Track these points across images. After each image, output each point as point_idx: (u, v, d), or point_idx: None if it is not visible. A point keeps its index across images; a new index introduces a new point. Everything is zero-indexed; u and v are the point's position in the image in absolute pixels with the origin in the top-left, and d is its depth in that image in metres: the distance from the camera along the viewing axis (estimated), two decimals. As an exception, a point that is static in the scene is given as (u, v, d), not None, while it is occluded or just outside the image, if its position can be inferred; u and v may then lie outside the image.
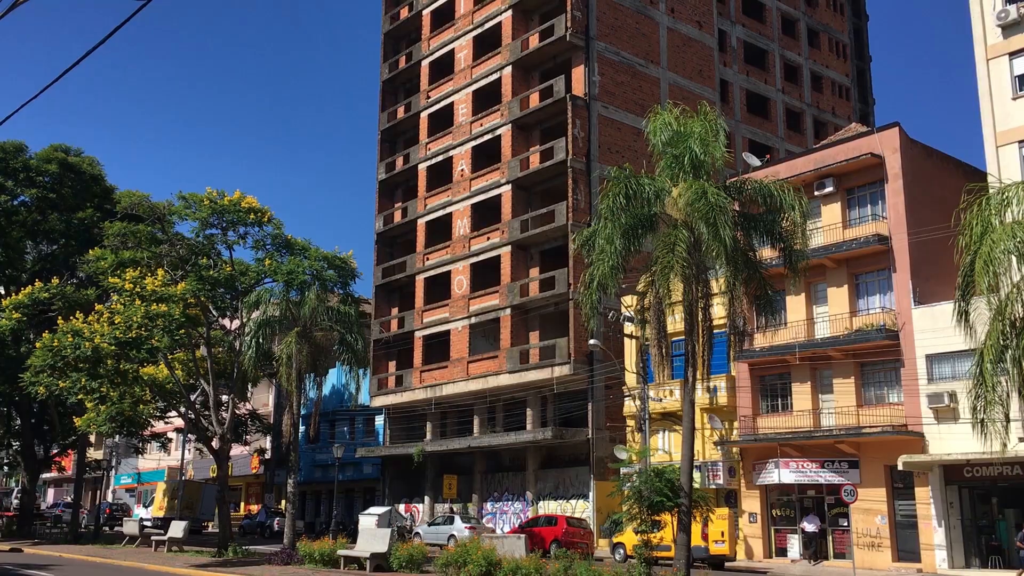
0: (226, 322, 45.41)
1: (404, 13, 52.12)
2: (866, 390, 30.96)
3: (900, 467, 28.23)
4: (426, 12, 50.25)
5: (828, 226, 32.03)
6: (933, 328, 27.86)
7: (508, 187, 43.11)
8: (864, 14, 61.79)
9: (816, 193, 32.27)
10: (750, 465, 33.00)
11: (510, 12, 44.70)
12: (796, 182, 29.88)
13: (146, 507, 56.99)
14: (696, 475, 30.73)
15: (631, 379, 36.09)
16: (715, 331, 27.17)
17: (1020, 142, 27.92)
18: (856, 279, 31.78)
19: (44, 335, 32.39)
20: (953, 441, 27.46)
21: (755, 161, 37.06)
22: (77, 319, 32.76)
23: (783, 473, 31.41)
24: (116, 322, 31.35)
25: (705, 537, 29.45)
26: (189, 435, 50.17)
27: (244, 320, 37.51)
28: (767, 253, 28.09)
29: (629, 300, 34.59)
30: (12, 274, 43.87)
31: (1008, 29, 28.76)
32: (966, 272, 16.54)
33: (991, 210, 16.35)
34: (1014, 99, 28.34)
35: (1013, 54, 28.54)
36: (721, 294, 25.90)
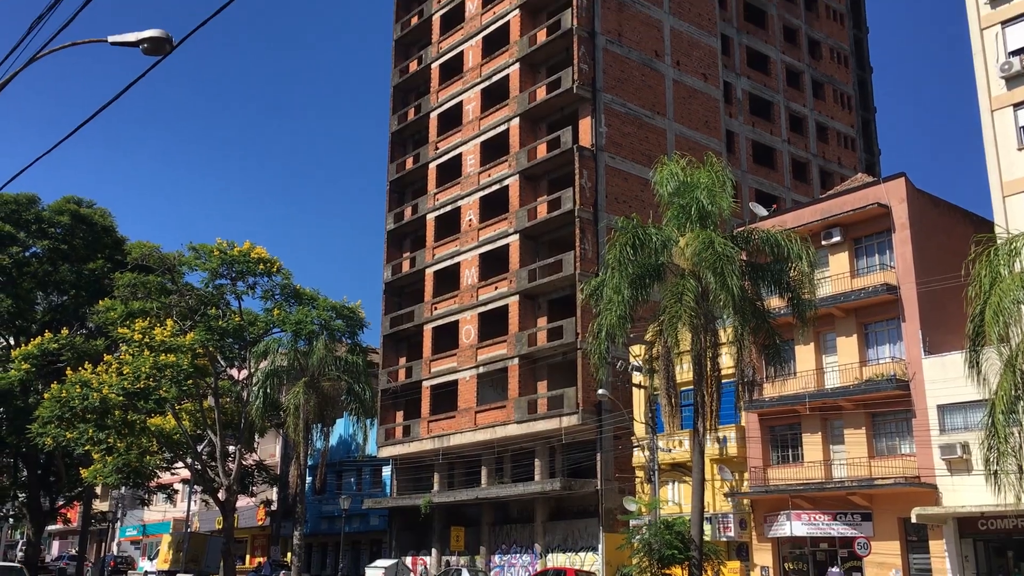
0: (234, 372, 45.43)
1: (413, 66, 52.83)
2: (877, 441, 30.66)
3: (914, 520, 27.85)
4: (435, 65, 50.93)
5: (836, 275, 32.01)
6: (944, 378, 27.67)
7: (516, 237, 43.28)
8: (868, 66, 62.39)
9: (823, 243, 32.30)
10: (761, 517, 32.59)
11: (518, 65, 45.27)
12: (803, 232, 29.94)
13: (151, 560, 56.43)
14: (707, 527, 30.37)
15: (640, 429, 35.85)
16: (724, 381, 27.07)
17: (1026, 192, 27.98)
18: (865, 328, 31.66)
19: (52, 386, 32.48)
20: (967, 493, 27.11)
21: (762, 211, 37.18)
22: (86, 370, 32.83)
23: (795, 526, 31.00)
24: (124, 373, 31.42)
25: (716, 591, 28.98)
26: (195, 486, 49.88)
27: (252, 370, 37.54)
28: (775, 302, 28.06)
29: (637, 350, 34.50)
30: (22, 325, 44.09)
31: (1012, 81, 28.99)
32: (976, 322, 16.52)
33: (1000, 260, 16.37)
34: (1019, 149, 28.47)
35: (1017, 105, 28.72)
36: (729, 343, 25.84)
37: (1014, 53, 29.19)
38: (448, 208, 47.85)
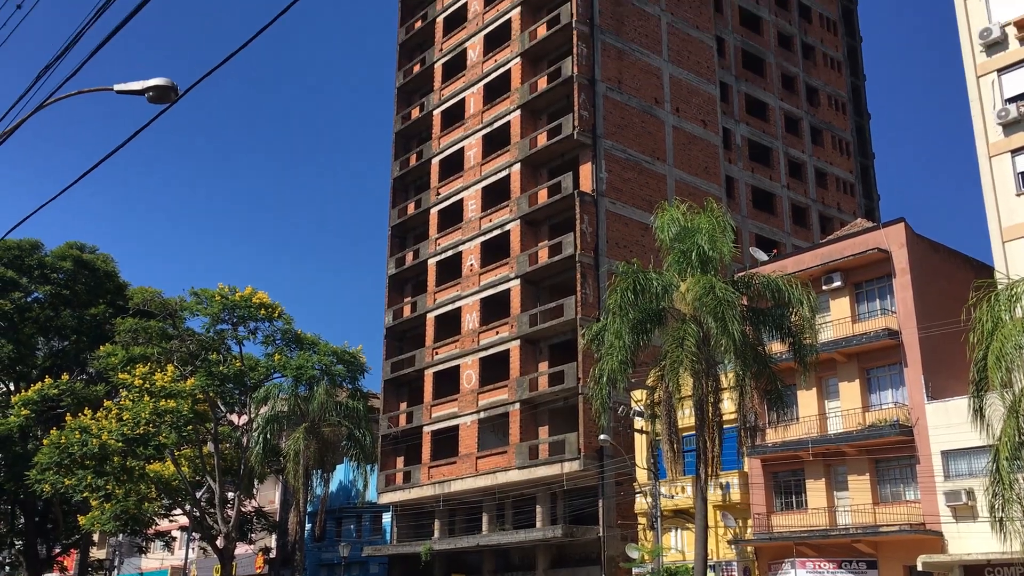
0: (234, 418, 45.26)
1: (415, 113, 53.35)
2: (882, 487, 30.43)
3: (920, 567, 27.53)
4: (436, 112, 51.45)
5: (837, 320, 32.02)
6: (947, 424, 27.55)
7: (517, 282, 43.39)
8: (866, 113, 62.98)
9: (824, 287, 32.36)
10: (765, 565, 32.22)
11: (519, 112, 45.73)
12: (804, 277, 30.03)
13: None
14: (710, 575, 30.03)
15: (642, 475, 35.60)
16: (726, 426, 26.94)
17: (1026, 237, 28.10)
18: (868, 373, 31.59)
19: (52, 432, 32.39)
20: (973, 540, 26.84)
21: (762, 256, 37.31)
22: (85, 415, 32.74)
23: (800, 573, 30.65)
24: (124, 418, 31.35)
25: (721, 641, 28.59)
26: (193, 534, 49.43)
27: (252, 415, 37.42)
28: (777, 347, 28.04)
29: (639, 395, 34.39)
30: (23, 370, 44.07)
31: (1009, 127, 29.24)
32: (979, 368, 16.51)
33: (1000, 306, 16.40)
34: (1018, 195, 28.64)
35: (1015, 151, 28.95)
36: (731, 389, 25.78)
37: (1011, 100, 29.48)
38: (449, 253, 48.03)
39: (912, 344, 29.99)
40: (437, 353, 47.15)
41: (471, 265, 46.40)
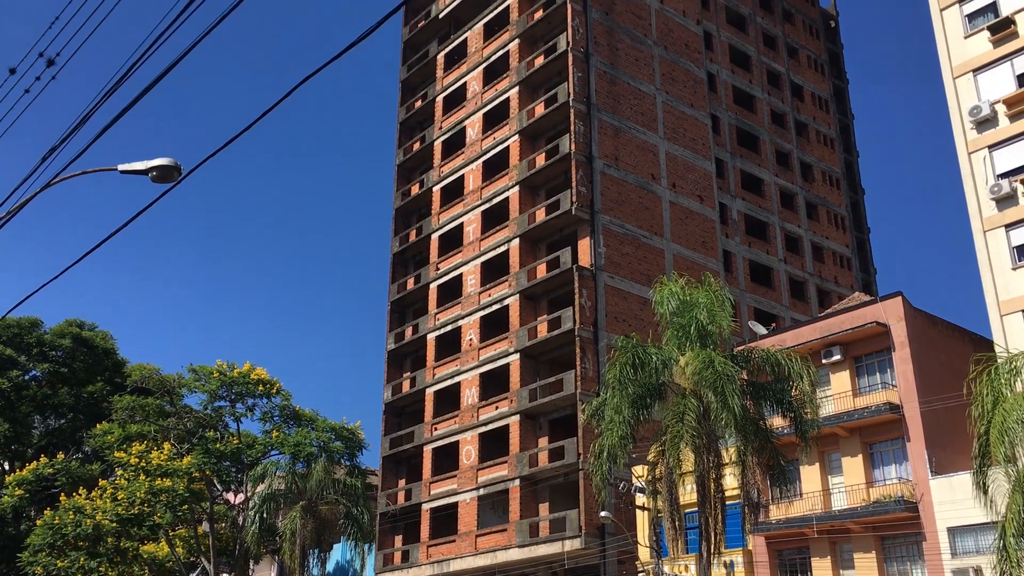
0: (230, 496, 44.67)
1: (415, 189, 53.95)
2: (888, 565, 29.90)
3: (930, 648, 26.90)
4: (436, 188, 52.03)
5: (838, 394, 31.89)
6: (952, 500, 27.22)
7: (516, 356, 43.30)
8: (860, 188, 63.72)
9: (824, 361, 32.30)
10: (772, 646, 31.48)
11: (517, 188, 46.26)
12: (803, 351, 30.00)
13: None
14: (716, 658, 29.28)
15: (644, 553, 35.00)
16: (729, 502, 26.59)
17: (1023, 311, 28.19)
18: (870, 448, 31.32)
19: (45, 512, 31.95)
20: (983, 619, 26.29)
21: (761, 330, 37.33)
22: (80, 495, 32.36)
23: (807, 655, 29.91)
24: (119, 498, 30.97)
25: None
26: (187, 616, 48.33)
27: (249, 494, 36.96)
28: (778, 422, 27.85)
29: (640, 470, 34.03)
30: (18, 449, 43.71)
31: (1002, 202, 29.59)
32: (982, 443, 16.41)
33: (1001, 380, 16.37)
34: (1014, 269, 28.82)
35: (1009, 226, 29.24)
36: (733, 464, 25.54)
37: (1003, 176, 29.90)
38: (449, 328, 48.04)
39: (914, 418, 29.81)
40: (436, 429, 46.80)
41: (470, 340, 46.38)
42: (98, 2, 11.07)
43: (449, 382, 46.85)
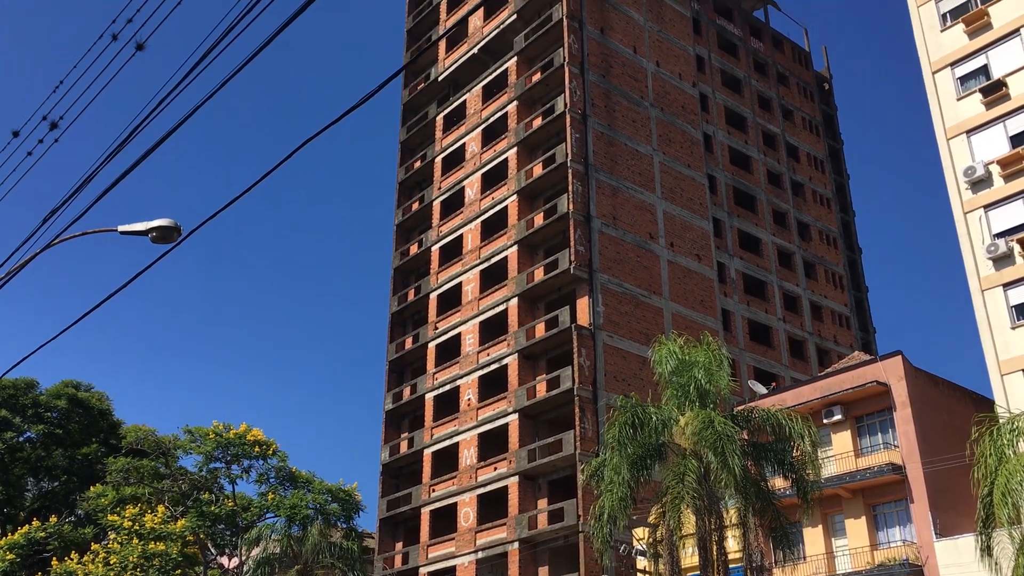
0: (224, 560, 43.95)
1: (414, 249, 54.15)
2: (895, 630, 29.31)
3: None
4: (435, 248, 52.22)
5: (840, 455, 31.60)
6: (958, 562, 26.80)
7: (515, 416, 43.01)
8: (857, 247, 64.03)
9: (825, 421, 32.08)
10: None
11: (516, 247, 46.43)
12: (803, 410, 29.82)
13: None
14: None
15: (646, 619, 34.31)
16: (731, 565, 26.15)
17: (1024, 370, 28.10)
18: (874, 510, 30.94)
19: (36, 576, 31.41)
20: None
21: (761, 389, 37.17)
22: (72, 559, 31.83)
23: None
24: (111, 562, 30.45)
25: None
26: None
27: (243, 558, 36.35)
28: (779, 483, 27.55)
29: (641, 532, 33.56)
30: (10, 512, 43.14)
31: (999, 262, 29.68)
32: (985, 504, 16.20)
33: (1003, 440, 16.23)
34: (1013, 328, 28.79)
35: (1007, 285, 29.28)
36: (735, 526, 25.18)
37: (999, 235, 30.03)
38: (447, 387, 47.80)
39: (917, 479, 29.50)
40: (434, 490, 46.27)
41: (469, 400, 46.10)
42: (102, 67, 11.22)
43: (447, 442, 46.46)
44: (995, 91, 32.01)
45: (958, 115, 32.87)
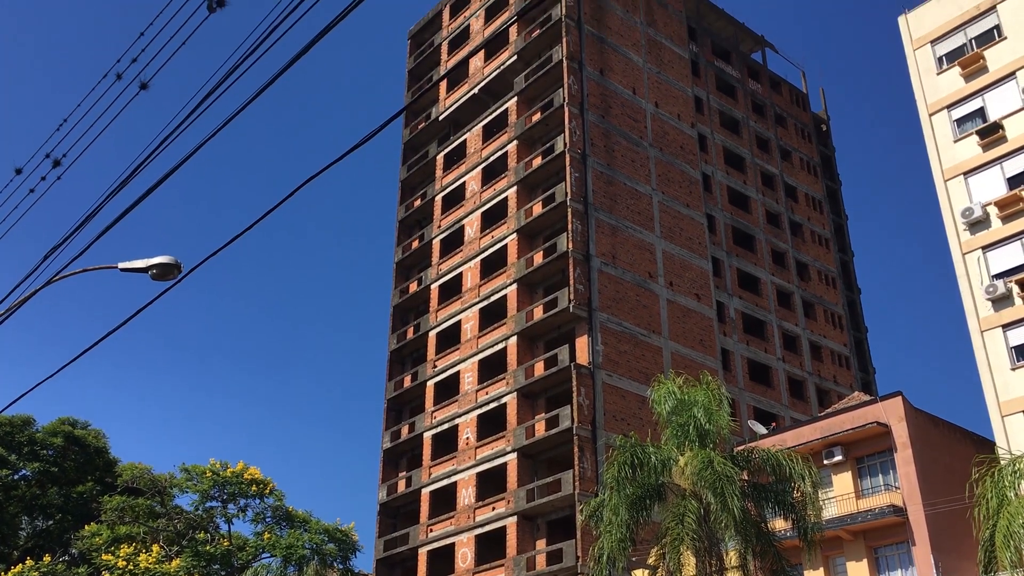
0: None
1: (413, 287, 54.20)
2: (898, 675, 28.92)
3: None
4: (434, 286, 52.28)
5: (841, 496, 31.38)
6: (961, 605, 26.50)
7: (514, 455, 42.76)
8: (856, 287, 64.08)
9: (825, 462, 31.90)
10: None
11: (515, 286, 46.48)
12: (804, 451, 29.65)
13: None
14: None
15: (646, 663, 33.83)
16: (732, 609, 25.86)
17: (1024, 411, 28.01)
18: (875, 552, 30.66)
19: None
20: None
21: (761, 429, 37.00)
22: (65, 598, 31.45)
23: None
24: (105, 602, 30.09)
25: None
26: None
27: (238, 598, 35.93)
28: (780, 524, 27.32)
29: (640, 574, 33.21)
30: (4, 551, 42.70)
31: (998, 303, 29.71)
32: (987, 548, 16.05)
33: (1004, 482, 16.13)
34: (1013, 369, 28.74)
35: (1007, 326, 29.28)
36: (735, 568, 24.91)
37: (998, 276, 30.08)
38: (446, 426, 47.58)
39: (919, 522, 29.27)
40: (432, 530, 45.85)
41: (467, 439, 45.87)
42: (106, 105, 11.31)
43: (445, 482, 46.13)
44: (992, 133, 32.27)
45: (955, 157, 33.10)
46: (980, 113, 33.30)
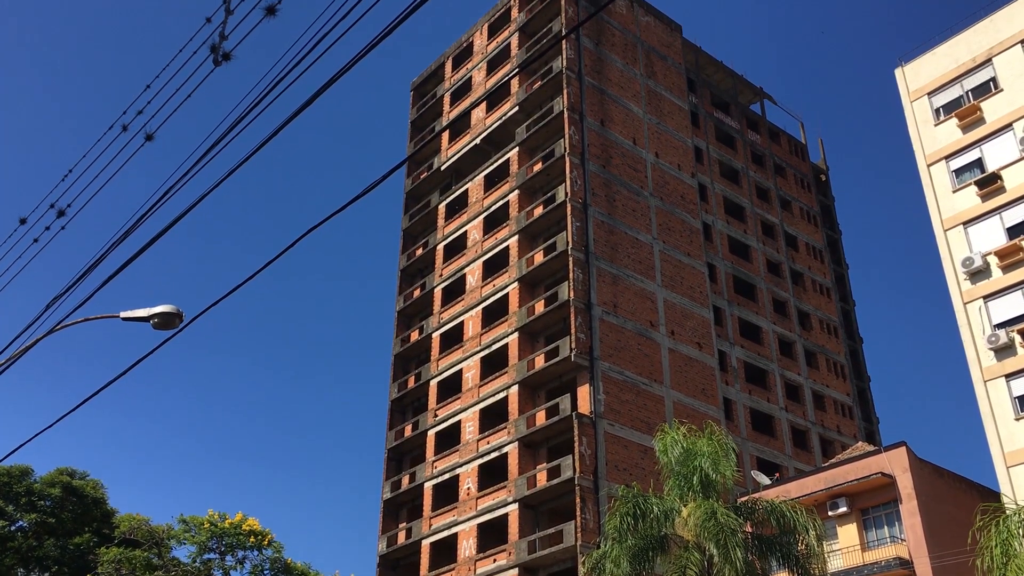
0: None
1: (414, 336, 54.17)
2: None
3: None
4: (436, 334, 52.25)
5: (846, 548, 31.02)
6: (970, 661, 26.03)
7: (515, 506, 42.35)
8: (858, 337, 63.98)
9: (830, 513, 31.58)
10: None
11: (516, 335, 46.44)
12: (808, 502, 29.40)
13: None
14: None
15: None
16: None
17: (1030, 460, 27.78)
18: (882, 606, 30.20)
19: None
20: None
21: (765, 480, 36.69)
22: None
23: None
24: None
25: None
26: None
27: (235, 652, 35.38)
28: (785, 577, 26.98)
29: (643, 629, 32.67)
30: (-2, 603, 42.19)
31: (1001, 352, 29.64)
32: (995, 601, 15.82)
33: (1009, 532, 15.95)
34: (1017, 419, 28.58)
35: (1010, 376, 29.18)
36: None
37: (999, 326, 30.06)
38: (446, 476, 47.20)
39: (926, 574, 28.88)
40: (432, 583, 45.24)
41: (468, 489, 45.47)
42: (111, 156, 11.43)
43: (446, 533, 45.65)
44: (990, 183, 32.48)
45: (954, 207, 33.27)
46: (978, 163, 33.55)
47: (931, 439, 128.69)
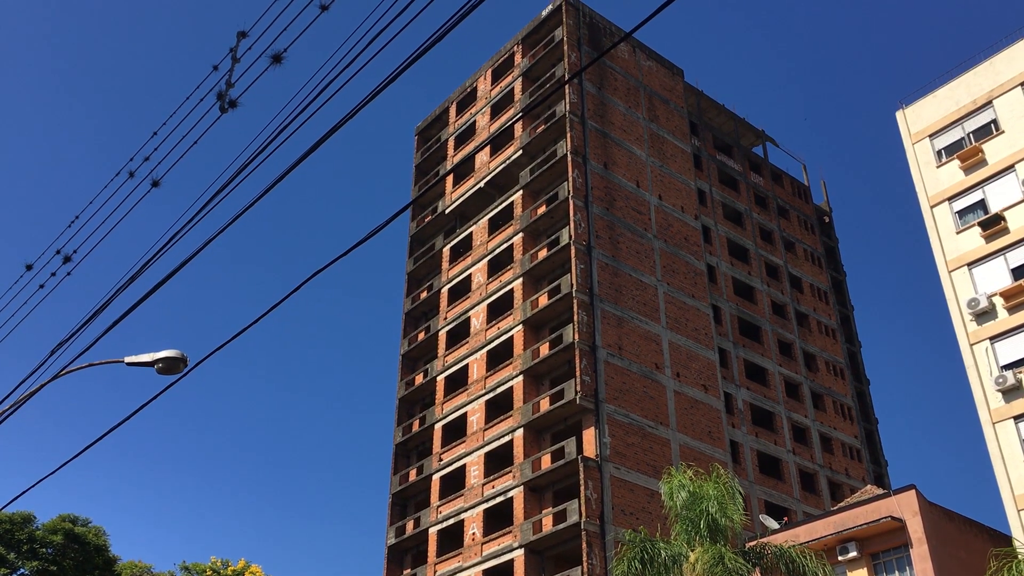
0: None
1: (419, 379, 54.00)
2: None
3: None
4: (440, 378, 52.10)
5: (856, 593, 30.55)
6: None
7: (521, 552, 41.89)
8: (865, 378, 63.63)
9: (840, 558, 31.14)
10: None
11: (521, 378, 46.29)
12: (817, 547, 29.01)
13: None
14: None
15: None
16: None
17: (1041, 504, 27.47)
18: (894, 653, 29.69)
19: None
20: None
21: (773, 524, 36.25)
22: None
23: None
24: None
25: None
26: None
27: None
28: (795, 624, 26.54)
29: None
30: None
31: (1008, 394, 29.45)
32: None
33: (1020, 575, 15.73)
34: (1027, 461, 28.31)
35: (1018, 418, 28.96)
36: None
37: (1006, 367, 29.89)
38: (451, 521, 46.76)
39: (938, 620, 28.42)
40: (437, 630, 44.60)
41: (473, 534, 45.02)
42: (117, 202, 11.50)
43: (451, 579, 45.10)
44: (994, 225, 32.51)
45: (958, 248, 33.28)
46: (981, 205, 33.61)
47: (940, 482, 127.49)
